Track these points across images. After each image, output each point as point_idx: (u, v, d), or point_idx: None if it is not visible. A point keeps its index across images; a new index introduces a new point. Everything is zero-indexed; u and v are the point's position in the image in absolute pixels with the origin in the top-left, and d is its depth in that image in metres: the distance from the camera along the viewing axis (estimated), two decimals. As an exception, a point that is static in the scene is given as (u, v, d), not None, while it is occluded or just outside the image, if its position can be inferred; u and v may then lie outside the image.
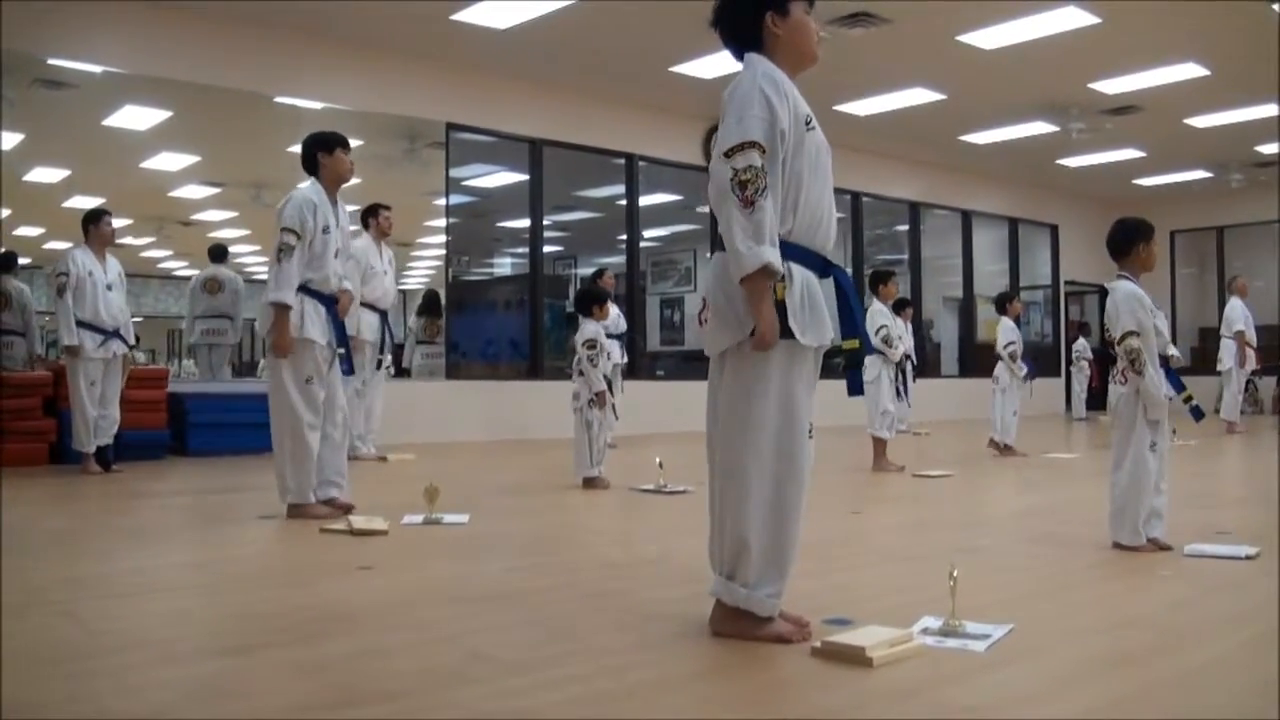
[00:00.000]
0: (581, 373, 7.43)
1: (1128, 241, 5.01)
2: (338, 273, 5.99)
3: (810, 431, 3.17)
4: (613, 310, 9.25)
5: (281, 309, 5.73)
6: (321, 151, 5.95)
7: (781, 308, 3.06)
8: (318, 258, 5.85)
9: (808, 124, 3.14)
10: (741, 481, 3.13)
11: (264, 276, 5.87)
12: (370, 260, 9.42)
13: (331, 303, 5.93)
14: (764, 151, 3.01)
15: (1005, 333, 10.56)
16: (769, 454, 3.11)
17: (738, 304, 3.09)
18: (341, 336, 6.02)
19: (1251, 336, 14.00)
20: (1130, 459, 4.85)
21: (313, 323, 5.82)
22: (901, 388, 9.11)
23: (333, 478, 6.00)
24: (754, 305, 3.02)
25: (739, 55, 3.28)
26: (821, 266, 3.22)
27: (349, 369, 6.16)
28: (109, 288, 8.39)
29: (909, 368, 14.29)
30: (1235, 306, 14.08)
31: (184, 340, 11.59)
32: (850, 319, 3.26)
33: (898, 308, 14.81)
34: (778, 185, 3.07)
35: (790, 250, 3.08)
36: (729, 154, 3.02)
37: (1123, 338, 4.84)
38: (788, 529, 3.13)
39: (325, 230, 5.86)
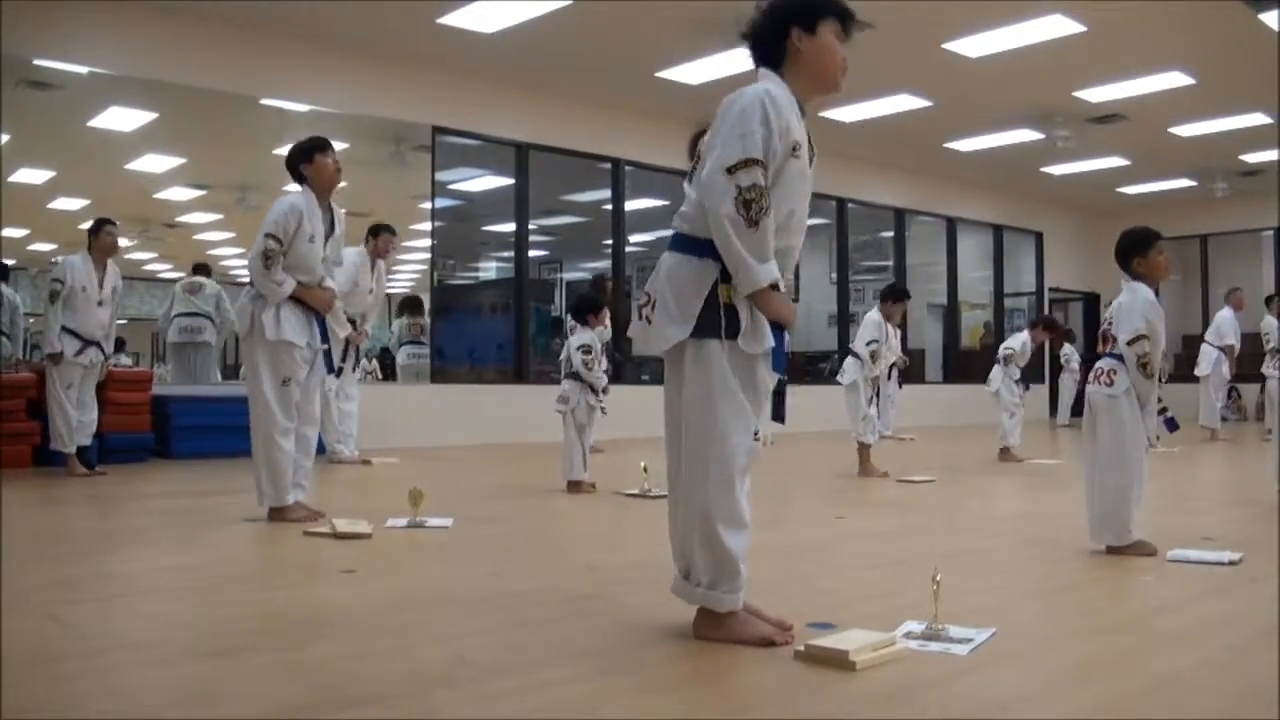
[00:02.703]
0: (574, 375, 7.44)
1: (1122, 253, 5.07)
2: (323, 279, 6.00)
3: (756, 434, 3.20)
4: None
5: (296, 291, 5.83)
6: (303, 162, 5.93)
7: (731, 311, 3.12)
8: (302, 264, 5.85)
9: (794, 150, 3.14)
10: (693, 483, 3.18)
11: (248, 278, 5.85)
12: (359, 277, 9.40)
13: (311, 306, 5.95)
14: (765, 169, 3.05)
15: (1010, 341, 10.72)
16: (717, 456, 3.14)
17: (685, 302, 3.14)
18: (323, 334, 6.01)
19: (1235, 346, 14.07)
20: (1120, 460, 4.85)
21: (290, 325, 5.82)
22: (876, 395, 9.03)
23: (300, 480, 5.98)
24: (768, 309, 3.11)
25: (759, 67, 3.29)
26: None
27: (330, 368, 6.15)
28: (100, 304, 8.40)
29: (894, 374, 14.37)
30: (1227, 318, 14.14)
31: (163, 341, 11.54)
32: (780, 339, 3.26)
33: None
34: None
35: None
36: (732, 170, 3.03)
37: (1134, 340, 4.85)
38: (739, 528, 3.15)
39: (310, 239, 5.85)
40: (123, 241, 10.78)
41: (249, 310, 5.83)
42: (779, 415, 3.32)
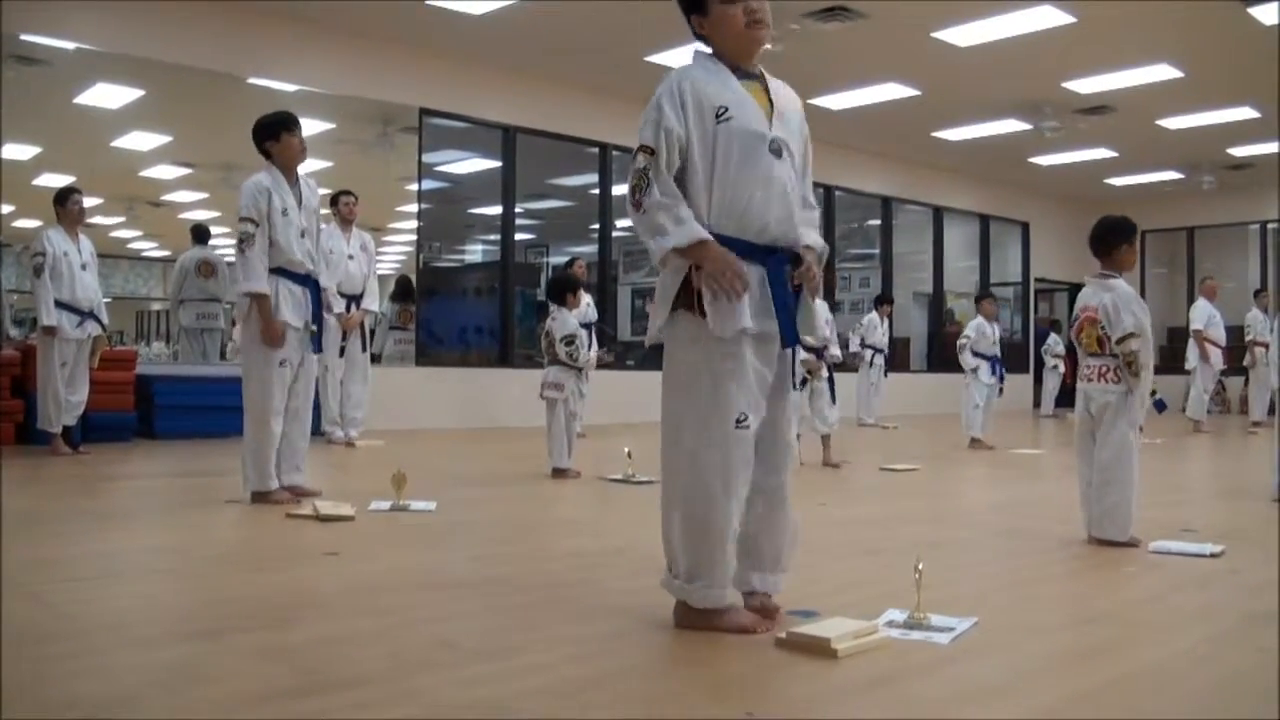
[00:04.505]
0: (562, 363, 7.41)
1: (1112, 240, 5.05)
2: (308, 252, 5.98)
3: (743, 421, 3.11)
4: (583, 299, 9.29)
5: (259, 298, 5.74)
6: (269, 140, 5.91)
7: (699, 296, 3.08)
8: (282, 240, 5.82)
9: (719, 116, 3.13)
10: (668, 474, 3.18)
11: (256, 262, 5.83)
12: (332, 245, 9.42)
13: (305, 281, 5.93)
14: (651, 153, 3.09)
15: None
16: (691, 445, 3.11)
17: (666, 291, 3.17)
18: (317, 314, 6.02)
19: (1220, 336, 14.11)
20: (1125, 456, 4.88)
21: (286, 305, 5.81)
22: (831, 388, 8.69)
23: (298, 462, 6.00)
24: (703, 264, 3.05)
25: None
26: (752, 253, 3.15)
27: (317, 347, 6.13)
28: (83, 267, 8.38)
29: (878, 361, 14.37)
30: (1198, 307, 14.21)
31: (171, 323, 11.51)
32: (780, 309, 3.18)
33: (878, 303, 14.90)
34: (666, 178, 3.10)
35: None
36: (633, 159, 3.16)
37: (1123, 339, 4.87)
38: (711, 521, 3.10)
39: (284, 213, 5.83)
40: (108, 219, 10.75)
41: (249, 300, 5.83)
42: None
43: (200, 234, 11.24)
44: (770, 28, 3.21)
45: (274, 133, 5.90)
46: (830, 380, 8.40)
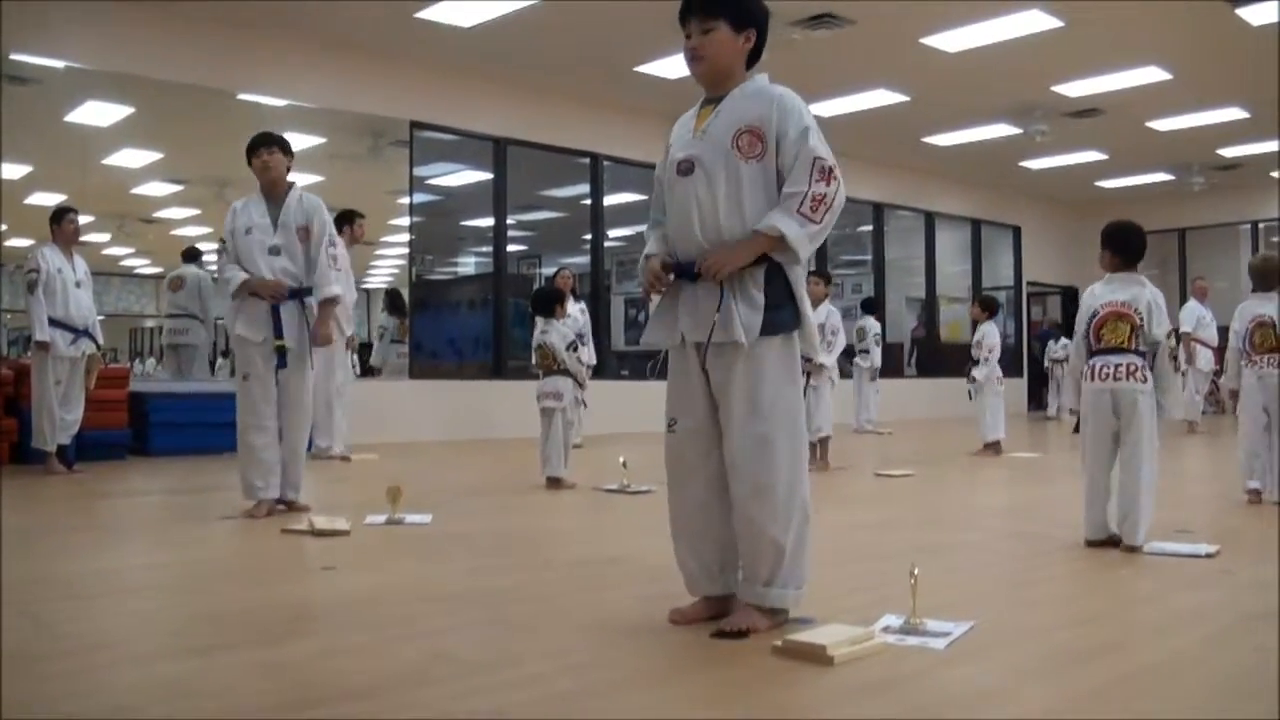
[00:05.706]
0: (565, 371, 7.43)
1: (1137, 242, 5.16)
2: (283, 269, 6.00)
3: (671, 426, 3.38)
4: (569, 308, 9.32)
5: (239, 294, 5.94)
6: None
7: None
8: (244, 257, 5.96)
9: (667, 150, 3.42)
10: None
11: (230, 274, 5.96)
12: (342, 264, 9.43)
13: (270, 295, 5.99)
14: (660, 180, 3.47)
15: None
16: None
17: None
18: (278, 330, 5.97)
19: (1212, 337, 14.11)
20: (1153, 456, 4.91)
21: (244, 319, 5.93)
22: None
23: (293, 480, 6.03)
24: None
25: None
26: (679, 268, 3.33)
27: (282, 363, 6.06)
28: (77, 285, 8.39)
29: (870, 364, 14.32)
30: (1188, 308, 14.23)
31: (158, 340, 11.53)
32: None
33: (867, 308, 14.87)
34: (659, 205, 3.48)
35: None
36: None
37: (1172, 332, 4.93)
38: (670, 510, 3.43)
39: (247, 231, 5.98)
40: (100, 237, 10.74)
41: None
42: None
43: (188, 255, 11.26)
44: (701, 61, 3.36)
45: (247, 158, 6.19)
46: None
